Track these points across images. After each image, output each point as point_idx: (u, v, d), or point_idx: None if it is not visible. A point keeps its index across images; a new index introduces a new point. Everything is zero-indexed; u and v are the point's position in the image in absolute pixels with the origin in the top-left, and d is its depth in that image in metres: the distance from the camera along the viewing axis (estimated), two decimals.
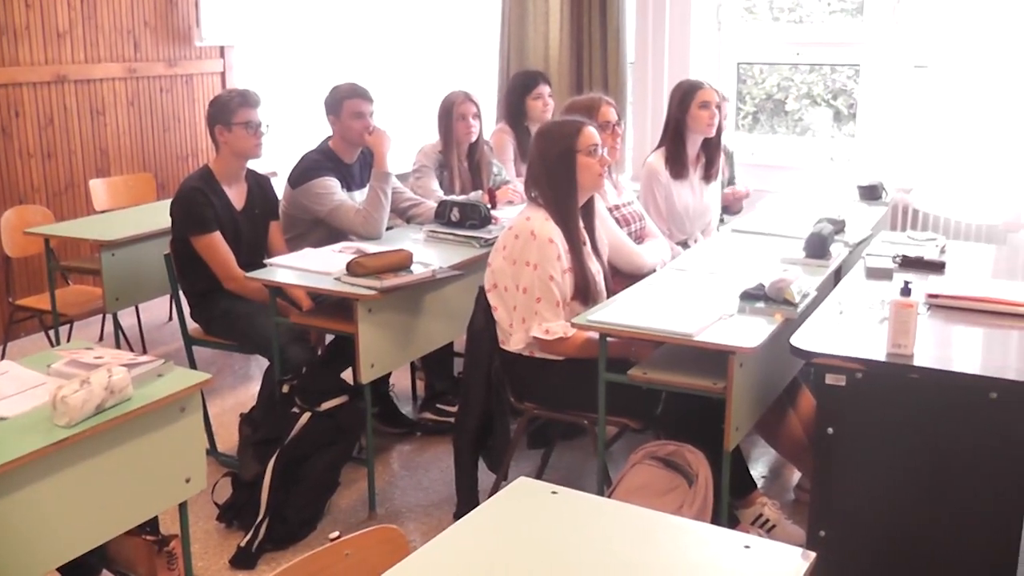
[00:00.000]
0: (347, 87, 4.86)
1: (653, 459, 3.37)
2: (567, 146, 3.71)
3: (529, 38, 6.65)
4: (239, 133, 4.40)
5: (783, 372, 3.87)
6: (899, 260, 4.07)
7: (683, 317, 3.41)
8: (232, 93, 4.53)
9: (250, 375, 5.61)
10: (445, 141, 5.23)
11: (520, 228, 3.67)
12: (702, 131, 4.91)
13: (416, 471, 4.50)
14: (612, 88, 6.33)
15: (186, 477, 3.02)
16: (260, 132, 4.46)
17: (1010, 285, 3.73)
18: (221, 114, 4.42)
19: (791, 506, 4.09)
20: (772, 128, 7.00)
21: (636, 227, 4.54)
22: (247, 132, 4.41)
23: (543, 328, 3.59)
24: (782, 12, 6.80)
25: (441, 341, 4.43)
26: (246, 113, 4.41)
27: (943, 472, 3.00)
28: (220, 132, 4.42)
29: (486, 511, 2.21)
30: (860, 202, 5.37)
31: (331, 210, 4.59)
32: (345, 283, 3.88)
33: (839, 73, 6.73)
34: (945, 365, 3.04)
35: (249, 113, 4.42)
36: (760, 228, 4.73)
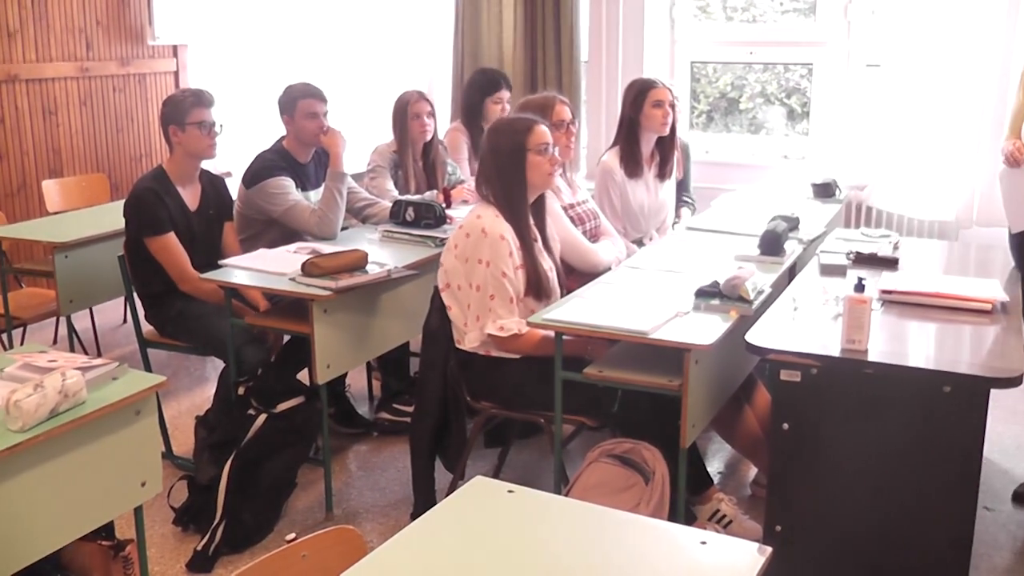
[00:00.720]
0: (301, 87, 4.84)
1: (610, 457, 3.38)
2: (517, 144, 3.71)
3: (483, 37, 6.65)
4: (193, 133, 4.37)
5: (739, 369, 3.89)
6: (853, 257, 4.11)
7: (638, 315, 3.42)
8: (185, 93, 4.49)
9: (206, 377, 5.57)
10: (400, 141, 5.21)
11: (471, 226, 3.67)
12: (656, 130, 4.92)
13: (373, 471, 4.49)
14: (566, 87, 6.35)
15: (142, 481, 2.99)
16: (214, 132, 4.43)
17: (962, 280, 3.77)
18: (174, 114, 4.38)
19: (747, 502, 4.11)
20: (726, 127, 7.04)
21: (591, 225, 4.55)
22: (201, 132, 4.38)
23: (497, 325, 3.59)
24: (735, 12, 6.84)
25: (397, 341, 4.42)
26: (200, 113, 4.38)
27: (898, 466, 3.03)
28: (174, 132, 4.39)
29: (443, 511, 2.21)
30: (814, 199, 5.41)
31: (286, 210, 4.57)
32: (300, 284, 3.86)
33: (792, 72, 6.78)
34: (899, 360, 3.07)
35: (203, 113, 4.39)
36: (715, 226, 4.75)
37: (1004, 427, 4.84)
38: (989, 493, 4.20)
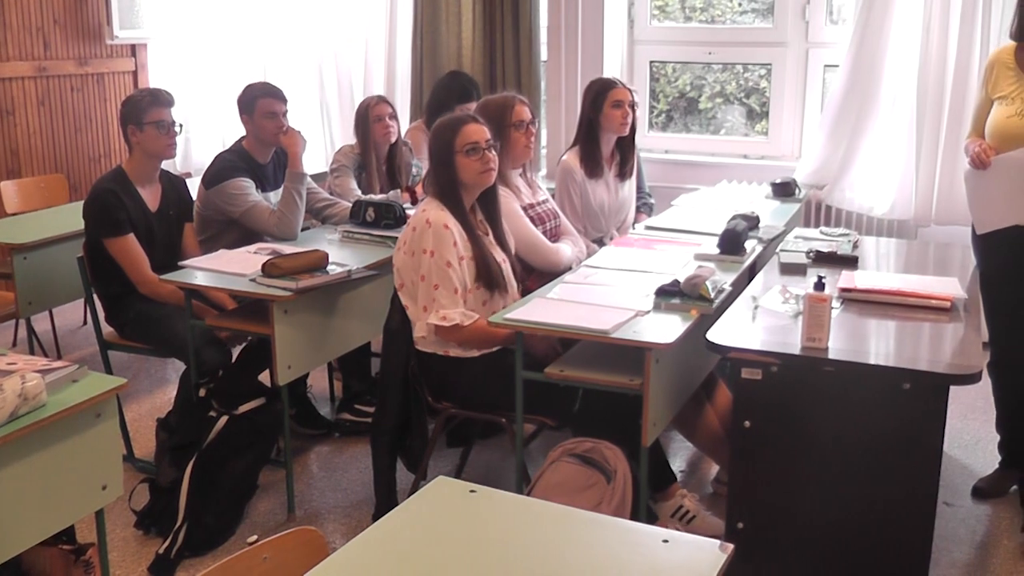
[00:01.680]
0: (260, 86, 4.83)
1: (571, 456, 3.38)
2: (446, 145, 3.74)
3: (442, 37, 6.64)
4: (151, 133, 4.34)
5: (700, 367, 3.91)
6: (813, 255, 4.13)
7: (599, 314, 3.43)
8: (143, 93, 4.47)
9: (166, 379, 5.53)
10: (363, 144, 5.20)
11: (416, 220, 3.70)
12: (615, 130, 4.93)
13: (335, 472, 4.47)
14: (525, 87, 6.35)
15: (102, 484, 2.96)
16: (173, 132, 4.40)
17: (921, 278, 3.81)
18: (133, 114, 4.35)
19: (709, 499, 4.13)
20: (686, 126, 7.07)
21: (551, 225, 4.56)
22: (159, 132, 4.35)
23: (440, 315, 3.59)
24: (694, 12, 6.87)
25: (358, 341, 4.41)
26: (158, 113, 4.35)
27: (858, 462, 3.06)
28: (132, 132, 4.36)
29: (404, 511, 2.20)
30: (774, 199, 5.44)
31: (245, 211, 4.55)
32: (260, 284, 3.84)
33: (751, 72, 6.81)
34: (859, 357, 3.09)
35: (161, 112, 4.36)
36: (675, 225, 4.77)
37: (963, 423, 4.89)
38: (949, 488, 4.24)
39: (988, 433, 4.69)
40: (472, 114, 3.95)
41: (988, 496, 4.23)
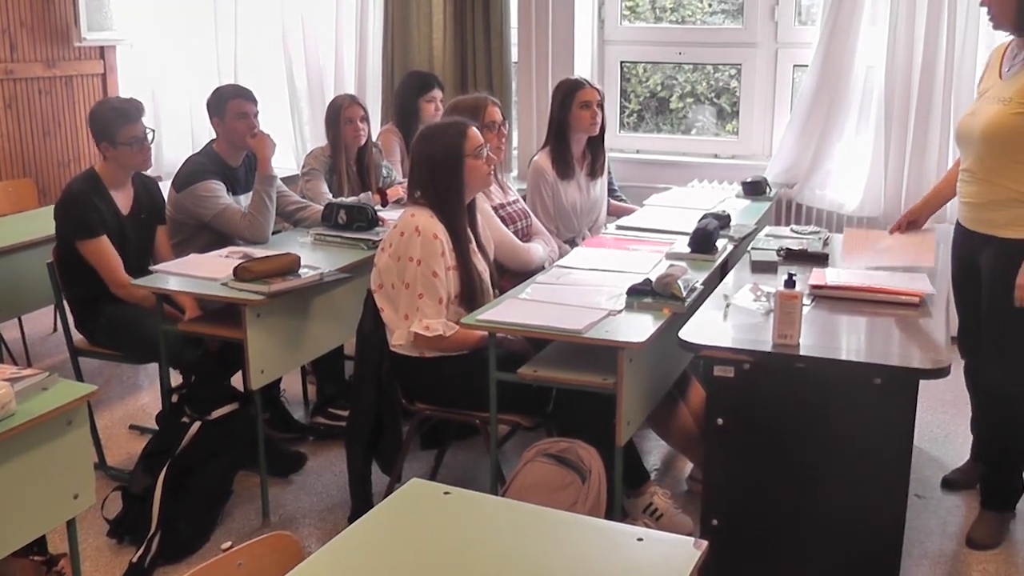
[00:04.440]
0: (230, 88, 4.82)
1: (546, 456, 3.39)
2: (454, 149, 3.71)
3: (413, 39, 6.64)
4: (125, 152, 4.33)
5: (673, 366, 3.92)
6: (783, 253, 4.15)
7: (571, 314, 3.43)
8: (111, 110, 4.40)
9: (139, 385, 5.50)
10: (333, 145, 5.20)
11: (404, 225, 3.67)
12: (585, 130, 4.95)
13: (309, 476, 4.46)
14: (496, 88, 6.36)
15: (74, 493, 2.93)
16: (147, 146, 4.39)
17: (891, 274, 3.83)
18: (104, 133, 4.32)
19: (684, 497, 4.14)
20: (657, 126, 7.09)
21: (522, 225, 4.57)
22: (133, 150, 4.34)
23: (423, 324, 3.58)
24: (664, 12, 6.89)
25: (331, 344, 4.40)
26: (130, 130, 4.32)
27: (831, 458, 3.08)
28: (106, 149, 4.34)
29: (379, 514, 2.20)
30: (745, 197, 5.47)
31: (216, 214, 4.53)
32: (232, 288, 3.82)
33: (722, 72, 6.84)
34: (830, 354, 3.11)
35: (133, 129, 4.33)
36: (646, 225, 4.79)
37: (933, 416, 4.92)
38: (920, 481, 4.27)
39: (958, 426, 4.73)
40: (465, 119, 3.93)
41: (958, 488, 4.26)
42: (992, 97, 3.66)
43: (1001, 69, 3.72)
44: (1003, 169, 3.62)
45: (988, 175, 3.67)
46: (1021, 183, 3.58)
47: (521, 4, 6.51)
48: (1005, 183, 3.62)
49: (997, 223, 3.67)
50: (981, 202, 3.72)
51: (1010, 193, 3.60)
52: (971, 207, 3.79)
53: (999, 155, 3.63)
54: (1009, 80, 3.63)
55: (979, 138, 3.65)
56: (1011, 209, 3.61)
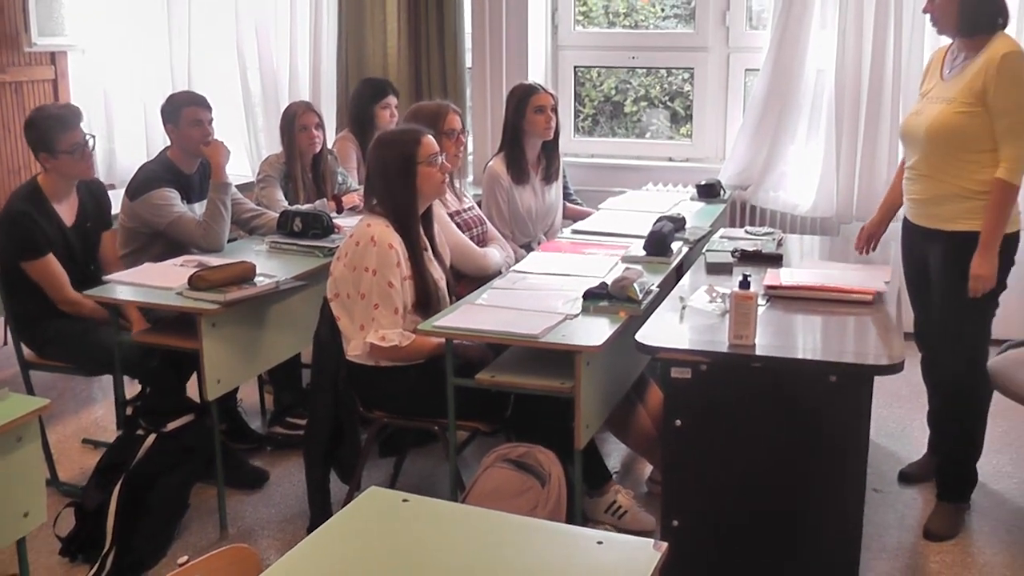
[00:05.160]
0: (184, 95, 4.78)
1: (505, 462, 3.38)
2: (407, 156, 3.71)
3: (367, 45, 6.62)
4: (66, 160, 4.27)
5: (631, 368, 3.93)
6: (738, 255, 4.17)
7: (528, 319, 3.44)
8: (49, 119, 4.33)
9: (92, 398, 5.44)
10: (288, 152, 5.17)
11: (360, 234, 3.66)
12: (540, 135, 4.97)
13: (267, 487, 4.42)
14: (451, 94, 6.35)
15: (24, 511, 2.88)
16: (87, 152, 4.33)
17: (844, 273, 3.86)
18: (43, 142, 4.26)
19: (644, 499, 4.15)
20: (612, 130, 7.10)
21: (478, 231, 4.57)
22: (74, 158, 4.28)
23: (379, 335, 3.57)
24: (617, 17, 6.91)
25: (288, 353, 4.38)
26: (70, 138, 4.26)
27: (789, 454, 3.11)
28: (45, 159, 4.28)
29: (337, 523, 2.19)
30: (699, 200, 5.50)
31: (171, 222, 4.48)
32: (187, 298, 3.79)
33: (675, 76, 6.87)
34: (786, 353, 3.14)
35: (73, 136, 4.27)
36: (602, 228, 4.80)
37: (888, 411, 4.98)
38: (877, 475, 4.31)
39: (913, 421, 4.79)
40: (420, 127, 3.92)
41: (915, 481, 4.32)
42: (935, 97, 3.81)
43: (943, 71, 3.86)
44: (947, 166, 3.76)
45: (933, 172, 3.81)
46: (964, 178, 3.71)
47: (475, 10, 6.51)
48: (949, 179, 3.75)
49: (943, 217, 3.80)
50: (927, 198, 3.86)
51: (954, 188, 3.74)
52: (917, 203, 3.92)
53: (943, 152, 3.76)
54: (951, 81, 3.77)
55: (924, 137, 3.78)
56: (956, 203, 3.75)
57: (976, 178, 3.69)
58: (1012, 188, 3.64)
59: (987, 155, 3.67)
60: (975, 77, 3.64)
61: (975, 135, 3.67)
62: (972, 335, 3.84)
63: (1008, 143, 3.62)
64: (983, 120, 3.64)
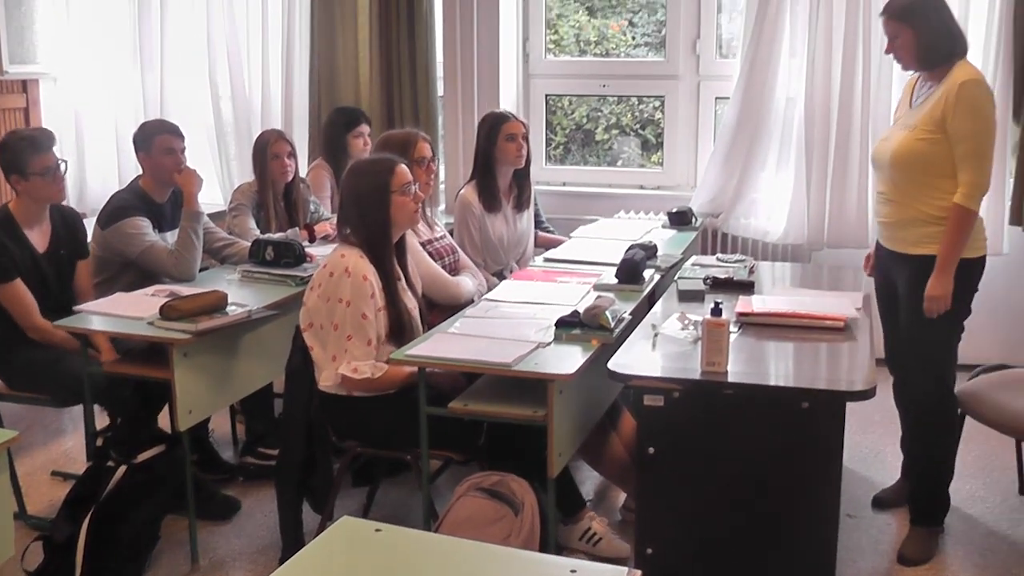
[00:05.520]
0: (157, 123, 4.77)
1: (478, 490, 3.38)
2: (381, 186, 3.71)
3: (339, 74, 6.63)
4: (37, 183, 4.25)
5: (603, 396, 3.93)
6: (710, 282, 4.20)
7: (500, 347, 3.44)
8: (21, 141, 4.31)
9: (62, 429, 5.39)
10: (260, 181, 5.16)
11: (334, 265, 3.65)
12: (511, 163, 4.98)
13: (239, 517, 4.39)
14: (423, 122, 6.36)
15: None
16: (59, 176, 4.32)
17: (815, 300, 3.88)
18: (14, 164, 4.24)
19: (618, 527, 4.14)
20: (583, 158, 7.13)
21: (450, 260, 4.57)
22: (45, 180, 4.26)
23: (352, 366, 3.56)
24: (588, 45, 6.95)
25: (260, 383, 4.36)
26: (42, 160, 4.25)
27: (763, 481, 3.12)
28: (16, 181, 4.26)
29: (310, 553, 2.17)
30: (671, 228, 5.52)
31: (142, 251, 4.47)
32: (159, 328, 3.77)
33: (646, 104, 6.91)
34: (758, 380, 3.16)
35: (45, 159, 4.26)
36: (574, 256, 4.81)
37: (861, 437, 4.99)
38: (851, 501, 4.32)
39: (886, 446, 4.81)
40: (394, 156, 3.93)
41: (888, 506, 4.33)
42: (901, 124, 3.94)
43: (911, 98, 3.99)
44: (912, 190, 3.86)
45: (899, 197, 3.91)
46: (928, 204, 3.81)
47: (446, 39, 6.54)
48: (914, 204, 3.85)
49: (909, 241, 3.89)
50: (894, 221, 3.96)
51: (918, 213, 3.84)
52: (886, 226, 4.03)
53: (907, 178, 3.87)
54: (916, 108, 3.89)
55: (889, 162, 3.89)
56: (920, 228, 3.84)
57: (939, 204, 3.77)
58: (969, 213, 3.72)
59: (949, 181, 3.75)
60: (935, 105, 3.75)
61: (936, 161, 3.77)
62: (939, 357, 3.90)
63: (965, 169, 3.72)
64: (944, 147, 3.74)
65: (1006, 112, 5.38)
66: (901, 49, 3.88)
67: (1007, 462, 4.57)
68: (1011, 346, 5.46)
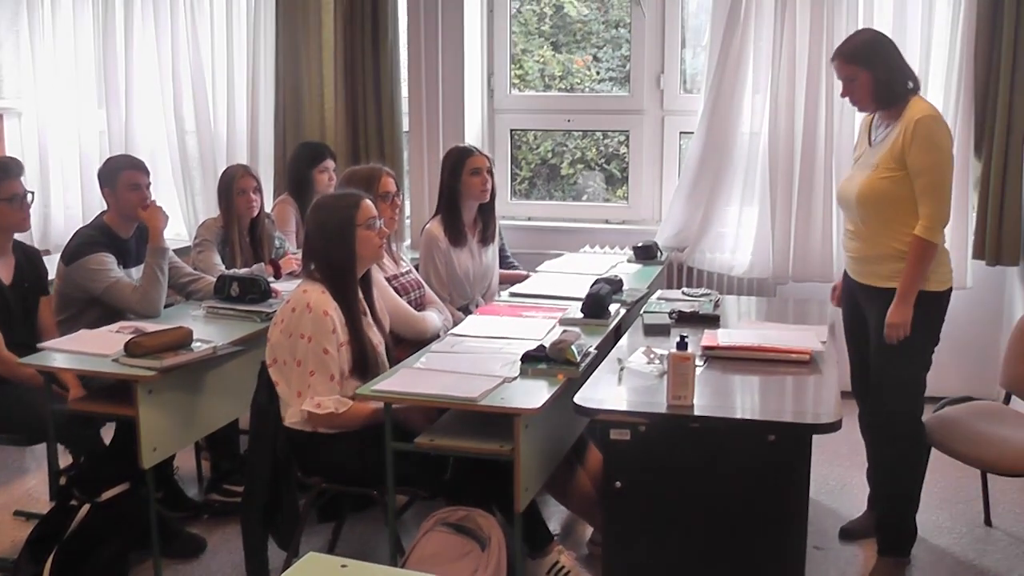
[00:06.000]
0: (122, 158, 4.77)
1: (444, 525, 3.37)
2: (345, 220, 3.71)
3: (304, 109, 6.64)
4: (4, 209, 4.25)
5: (569, 431, 3.93)
6: (675, 316, 4.21)
7: (466, 382, 3.44)
8: None
9: (25, 468, 5.33)
10: (226, 216, 5.15)
11: (297, 301, 3.65)
12: (476, 197, 4.99)
13: (205, 555, 4.35)
14: (388, 157, 6.37)
15: None
16: (26, 204, 4.31)
17: (781, 333, 3.91)
18: None
19: (586, 561, 4.13)
20: (549, 193, 7.16)
21: (415, 295, 4.57)
22: (11, 207, 4.26)
23: (315, 402, 3.55)
24: (553, 80, 7.00)
25: (225, 419, 4.33)
26: (10, 186, 4.25)
27: (729, 514, 3.13)
28: None
29: None
30: (636, 262, 5.55)
31: (107, 288, 4.44)
32: (123, 364, 3.75)
33: (611, 138, 6.95)
34: (724, 413, 3.18)
35: (12, 186, 4.26)
36: (539, 291, 4.82)
37: (828, 469, 5.01)
38: (818, 532, 4.33)
39: (853, 477, 4.83)
40: (359, 191, 3.93)
41: (855, 537, 4.35)
42: (863, 164, 4.00)
43: (871, 137, 4.04)
44: (878, 228, 3.92)
45: (867, 234, 3.97)
46: (896, 239, 3.87)
47: (411, 74, 6.56)
48: (881, 240, 3.92)
49: (879, 275, 3.94)
50: (863, 256, 4.01)
51: (886, 249, 3.90)
52: (856, 261, 4.08)
53: (874, 216, 3.93)
54: (877, 147, 3.95)
55: (855, 201, 3.95)
56: (889, 263, 3.90)
57: (906, 240, 3.83)
58: (929, 245, 3.79)
59: (915, 217, 3.81)
60: (895, 143, 3.83)
61: (901, 198, 3.83)
62: (909, 389, 3.94)
63: (925, 202, 3.79)
64: (906, 184, 3.82)
65: (967, 147, 5.46)
66: (859, 91, 3.94)
67: (973, 493, 4.61)
68: (975, 379, 5.51)
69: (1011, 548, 4.29)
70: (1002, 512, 4.57)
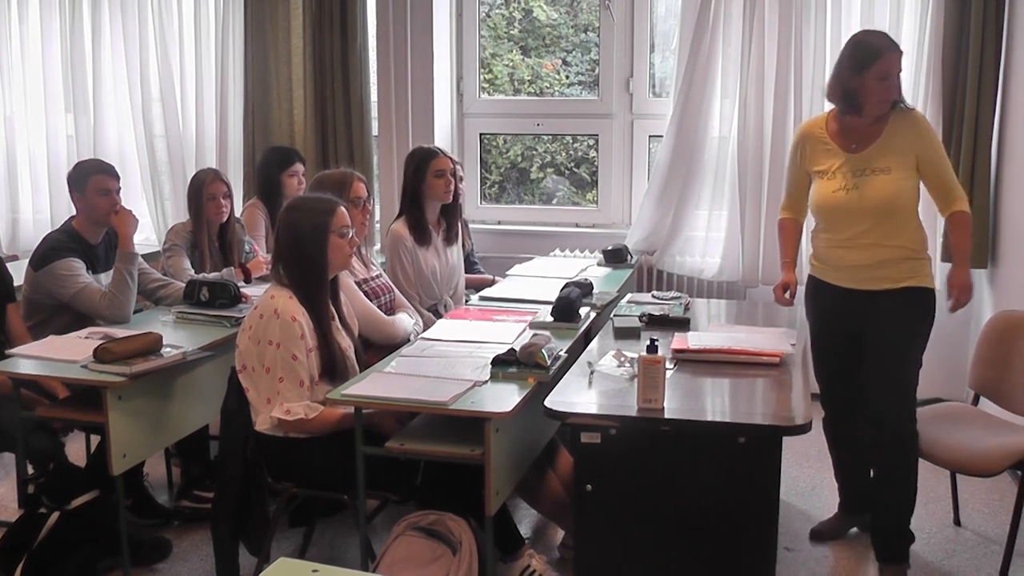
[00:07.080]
0: (92, 163, 4.74)
1: (415, 530, 3.37)
2: (320, 226, 3.70)
3: (273, 113, 6.63)
4: None
5: (540, 434, 3.94)
6: (646, 319, 4.22)
7: (437, 386, 3.45)
8: None
9: None
10: (196, 221, 5.13)
11: (264, 307, 3.64)
12: (440, 198, 4.98)
13: (175, 562, 4.32)
14: (357, 162, 6.37)
15: None
16: None
17: (751, 336, 3.92)
18: None
19: (557, 564, 4.14)
20: (518, 197, 7.17)
21: (386, 299, 4.57)
22: None
23: (284, 408, 3.54)
24: (522, 84, 7.01)
25: (195, 425, 4.32)
26: None
27: (700, 516, 3.15)
28: None
29: None
30: (606, 265, 5.57)
31: (75, 293, 4.42)
32: (93, 371, 3.73)
33: (580, 142, 6.97)
34: (695, 415, 3.19)
35: None
36: (510, 295, 4.83)
37: (798, 470, 5.04)
38: (788, 534, 4.36)
39: (823, 479, 4.85)
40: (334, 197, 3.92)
41: (826, 539, 4.37)
42: (864, 170, 3.92)
43: (846, 145, 3.98)
44: (894, 231, 3.92)
45: (880, 239, 3.93)
46: (908, 239, 3.95)
47: (381, 78, 6.57)
48: (897, 243, 3.93)
49: (893, 278, 3.94)
50: (871, 263, 3.95)
51: (901, 251, 3.94)
52: (859, 269, 3.99)
53: (893, 220, 3.92)
54: (874, 151, 3.91)
55: (873, 208, 3.89)
56: (903, 264, 3.94)
57: (916, 236, 3.96)
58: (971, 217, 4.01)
59: (916, 215, 3.95)
60: (904, 143, 3.88)
61: (913, 198, 3.95)
62: (912, 390, 3.97)
63: (954, 184, 3.96)
64: (917, 183, 3.93)
65: None
66: (899, 85, 3.93)
67: (942, 493, 4.65)
68: (944, 381, 5.53)
69: (980, 548, 4.33)
70: (971, 512, 4.61)
